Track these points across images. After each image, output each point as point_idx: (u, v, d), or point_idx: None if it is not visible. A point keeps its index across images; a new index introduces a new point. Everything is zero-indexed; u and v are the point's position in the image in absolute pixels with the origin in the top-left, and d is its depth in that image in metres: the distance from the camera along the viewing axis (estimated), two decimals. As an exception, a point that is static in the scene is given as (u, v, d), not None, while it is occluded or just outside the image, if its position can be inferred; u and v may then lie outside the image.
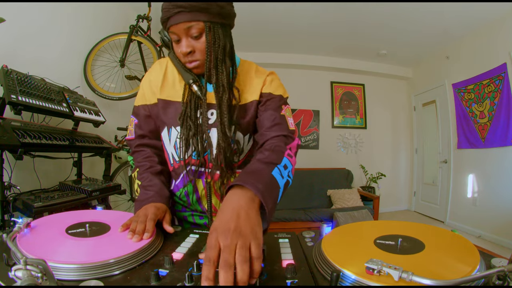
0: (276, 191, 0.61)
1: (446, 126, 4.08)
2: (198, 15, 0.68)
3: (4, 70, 1.48)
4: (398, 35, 3.71)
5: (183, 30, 0.70)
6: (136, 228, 0.59)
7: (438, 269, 0.44)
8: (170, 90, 0.82)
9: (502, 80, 3.14)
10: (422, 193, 4.69)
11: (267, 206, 0.55)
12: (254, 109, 0.83)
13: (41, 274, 0.37)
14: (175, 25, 0.69)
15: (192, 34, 0.70)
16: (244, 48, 4.27)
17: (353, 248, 0.55)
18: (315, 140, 4.72)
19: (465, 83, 3.69)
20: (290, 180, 0.69)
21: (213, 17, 0.70)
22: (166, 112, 0.82)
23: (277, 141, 0.75)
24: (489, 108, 3.34)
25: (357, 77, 4.84)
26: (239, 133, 0.82)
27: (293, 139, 0.79)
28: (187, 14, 0.68)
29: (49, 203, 1.30)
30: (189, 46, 0.72)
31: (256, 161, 0.66)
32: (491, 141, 3.33)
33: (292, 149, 0.76)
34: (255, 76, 0.85)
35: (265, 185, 0.57)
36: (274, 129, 0.78)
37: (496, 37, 3.23)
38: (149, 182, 0.79)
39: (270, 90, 0.84)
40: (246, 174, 0.61)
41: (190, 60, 0.74)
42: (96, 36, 2.48)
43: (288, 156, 0.72)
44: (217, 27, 0.72)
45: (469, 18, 3.22)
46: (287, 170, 0.68)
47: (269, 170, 0.63)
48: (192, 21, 0.69)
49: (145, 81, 0.86)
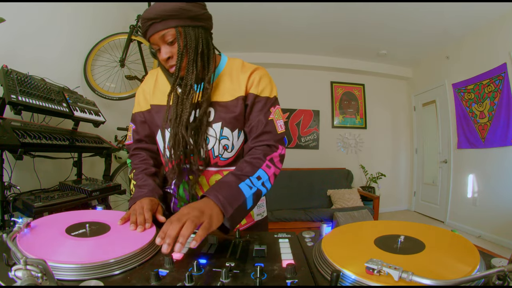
0: (240, 200, 0.71)
1: (446, 126, 4.08)
2: (168, 22, 0.73)
3: (4, 70, 1.48)
4: (398, 35, 3.70)
5: (159, 39, 0.75)
6: (137, 219, 0.66)
7: (438, 269, 0.44)
8: (161, 95, 0.88)
9: (502, 80, 3.14)
10: (422, 193, 4.69)
11: (227, 213, 0.66)
12: (240, 105, 0.84)
13: (41, 274, 0.37)
14: (151, 36, 0.75)
15: (167, 40, 0.75)
16: (244, 48, 4.28)
17: (353, 248, 0.55)
18: (315, 140, 4.72)
19: (465, 83, 3.69)
20: (264, 188, 0.78)
21: (183, 22, 0.74)
22: (158, 116, 0.88)
23: (258, 152, 0.81)
24: (489, 108, 3.34)
25: (357, 77, 4.84)
26: (227, 129, 0.83)
27: (276, 148, 0.83)
28: (158, 24, 0.73)
29: (49, 203, 1.30)
30: (167, 53, 0.77)
31: (230, 173, 0.76)
32: (491, 141, 3.33)
33: (273, 158, 0.82)
34: (241, 71, 0.86)
35: (227, 197, 0.68)
36: (260, 139, 0.83)
37: (496, 37, 3.23)
38: (143, 182, 0.85)
39: (256, 91, 0.84)
40: (216, 185, 0.73)
41: (170, 65, 0.79)
42: (96, 36, 2.48)
43: (266, 167, 0.79)
44: (188, 30, 0.75)
45: (469, 18, 3.21)
46: (261, 180, 0.77)
47: (237, 183, 0.73)
48: (164, 29, 0.74)
49: (139, 91, 0.94)
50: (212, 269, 0.50)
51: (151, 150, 0.94)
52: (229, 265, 0.51)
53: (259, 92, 0.84)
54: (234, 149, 0.86)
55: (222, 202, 0.67)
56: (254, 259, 0.55)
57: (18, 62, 1.69)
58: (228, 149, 0.85)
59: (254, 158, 0.80)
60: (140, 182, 0.85)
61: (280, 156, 0.83)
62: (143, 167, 0.89)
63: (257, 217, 0.96)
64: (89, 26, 2.49)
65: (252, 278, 0.47)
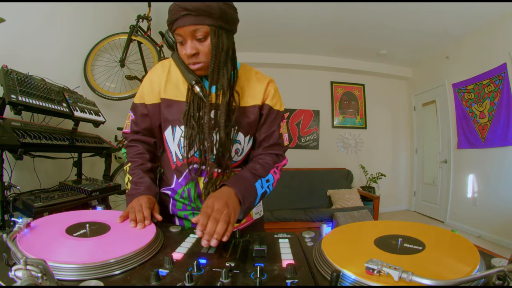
0: (253, 196, 0.78)
1: (446, 126, 4.08)
2: (204, 19, 0.71)
3: (4, 70, 1.48)
4: (398, 35, 3.70)
5: (189, 33, 0.72)
6: (136, 217, 0.67)
7: (438, 269, 0.44)
8: (174, 90, 0.85)
9: (502, 80, 3.14)
10: (422, 193, 4.69)
11: (244, 205, 0.74)
12: (256, 113, 0.87)
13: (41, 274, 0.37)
14: (182, 27, 0.71)
15: (197, 36, 0.73)
16: (244, 48, 4.27)
17: (353, 248, 0.55)
18: (315, 140, 4.72)
19: (465, 83, 3.69)
20: (269, 190, 0.86)
21: (218, 22, 0.72)
22: (170, 111, 0.85)
23: (269, 159, 0.89)
24: (489, 108, 3.34)
25: (357, 77, 4.84)
26: (241, 133, 0.86)
27: (283, 158, 0.93)
28: (194, 17, 0.70)
29: (49, 203, 1.29)
30: (194, 48, 0.74)
31: (248, 171, 0.82)
32: (491, 141, 3.33)
33: (278, 167, 0.90)
34: (257, 81, 0.89)
35: (246, 190, 0.76)
36: (272, 149, 0.90)
37: (496, 37, 3.23)
38: (140, 179, 0.84)
39: (272, 103, 0.89)
40: (237, 178, 0.78)
41: (194, 61, 0.76)
42: (96, 36, 2.48)
43: (273, 173, 0.87)
44: (221, 31, 0.74)
45: (469, 18, 3.21)
46: (268, 183, 0.85)
47: (254, 181, 0.80)
48: (198, 24, 0.71)
49: (146, 81, 0.89)
50: (212, 269, 0.50)
51: (148, 143, 0.93)
52: (229, 265, 0.51)
53: (273, 105, 0.89)
54: (243, 153, 0.90)
55: (243, 194, 0.73)
56: (254, 259, 0.55)
57: (18, 62, 1.69)
58: (239, 153, 0.88)
59: (266, 162, 0.86)
60: (136, 179, 0.84)
61: (283, 166, 0.93)
62: (139, 161, 0.88)
63: (256, 216, 0.97)
64: (89, 26, 2.49)
65: (252, 278, 0.47)
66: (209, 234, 0.60)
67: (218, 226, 0.61)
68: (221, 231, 0.61)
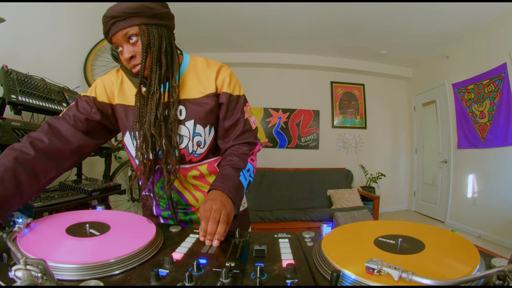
0: (242, 191, 0.81)
1: (446, 126, 4.08)
2: (131, 20, 0.73)
3: (4, 70, 1.48)
4: (398, 35, 3.70)
5: (122, 38, 0.74)
6: None
7: (438, 269, 0.44)
8: (129, 96, 0.85)
9: (502, 80, 3.14)
10: (422, 193, 4.69)
11: (237, 202, 0.76)
12: (211, 102, 0.84)
13: (41, 274, 0.37)
14: (114, 35, 0.74)
15: (131, 39, 0.74)
16: (244, 48, 4.28)
17: (353, 248, 0.55)
18: (315, 140, 4.72)
19: (465, 83, 3.69)
20: (251, 179, 0.87)
21: (147, 20, 0.74)
22: (127, 117, 0.85)
23: (245, 148, 0.88)
24: (489, 108, 3.34)
25: (357, 77, 4.84)
26: (199, 125, 0.84)
27: (255, 145, 0.92)
28: (122, 21, 0.73)
29: (49, 203, 1.29)
30: (130, 52, 0.75)
31: (229, 167, 0.82)
32: (491, 141, 3.33)
33: (254, 153, 0.91)
34: (207, 68, 0.87)
35: (235, 188, 0.77)
36: (242, 137, 0.89)
37: (496, 37, 3.23)
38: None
39: (230, 90, 0.86)
40: (223, 178, 0.79)
41: (133, 64, 0.77)
42: (96, 36, 2.48)
43: (251, 161, 0.88)
44: (151, 28, 0.75)
45: (469, 18, 3.21)
46: (249, 172, 0.86)
47: (237, 176, 0.81)
48: (128, 27, 0.73)
49: (99, 82, 0.86)
50: (212, 269, 0.50)
51: (54, 147, 0.75)
52: (229, 265, 0.51)
53: (231, 91, 0.87)
54: (206, 145, 0.88)
55: (233, 193, 0.75)
56: (254, 259, 0.55)
57: (18, 62, 1.69)
58: (201, 145, 0.87)
59: (241, 153, 0.86)
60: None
61: (258, 151, 0.93)
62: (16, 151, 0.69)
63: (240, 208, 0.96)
64: (89, 26, 2.49)
65: (252, 278, 0.47)
66: (210, 234, 0.62)
67: (219, 226, 0.64)
68: (222, 231, 0.63)
